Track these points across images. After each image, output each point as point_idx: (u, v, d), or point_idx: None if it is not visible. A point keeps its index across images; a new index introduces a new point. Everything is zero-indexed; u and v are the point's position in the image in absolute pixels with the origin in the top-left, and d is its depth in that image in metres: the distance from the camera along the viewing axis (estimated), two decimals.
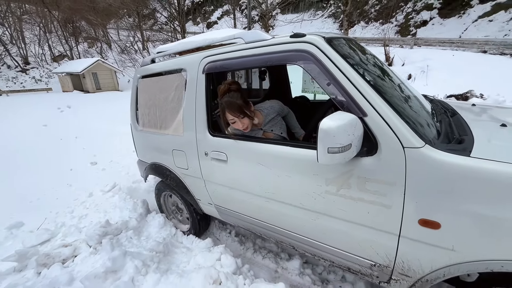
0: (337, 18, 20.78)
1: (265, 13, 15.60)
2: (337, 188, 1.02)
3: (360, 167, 0.94)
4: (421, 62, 8.49)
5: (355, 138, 0.85)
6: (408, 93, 1.25)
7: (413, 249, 0.92)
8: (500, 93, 4.47)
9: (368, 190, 0.94)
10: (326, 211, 1.09)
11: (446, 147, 0.85)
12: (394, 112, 0.88)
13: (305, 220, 1.19)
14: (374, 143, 0.90)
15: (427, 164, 0.82)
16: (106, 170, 3.54)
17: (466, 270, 0.83)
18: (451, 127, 1.09)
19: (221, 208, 1.61)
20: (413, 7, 16.91)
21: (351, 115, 0.85)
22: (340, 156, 0.84)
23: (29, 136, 5.16)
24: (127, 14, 25.84)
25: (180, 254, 1.76)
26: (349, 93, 0.93)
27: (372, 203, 0.95)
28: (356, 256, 1.10)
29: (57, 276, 1.45)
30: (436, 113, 1.27)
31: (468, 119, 1.19)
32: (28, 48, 20.94)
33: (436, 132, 1.00)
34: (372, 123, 0.90)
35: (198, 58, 1.44)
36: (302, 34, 1.05)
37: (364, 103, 0.90)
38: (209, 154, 1.45)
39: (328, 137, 0.81)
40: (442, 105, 1.53)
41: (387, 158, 0.88)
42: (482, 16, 13.51)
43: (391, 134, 0.86)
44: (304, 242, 1.26)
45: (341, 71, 0.95)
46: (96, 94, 14.14)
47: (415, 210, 0.87)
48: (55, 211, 2.50)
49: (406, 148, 0.84)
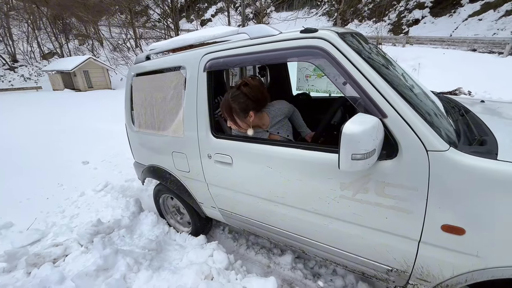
0: (331, 16, 20.87)
1: (259, 11, 15.55)
2: (353, 193, 0.98)
3: (378, 171, 0.90)
4: (413, 60, 8.63)
5: (378, 143, 0.81)
6: (422, 90, 1.19)
7: (434, 255, 0.90)
8: (486, 90, 4.60)
9: (387, 195, 0.91)
10: (340, 216, 1.06)
11: (470, 149, 0.82)
12: (416, 113, 0.84)
13: (317, 225, 1.16)
14: (394, 146, 0.86)
15: (452, 168, 0.79)
16: (98, 169, 3.50)
17: (491, 276, 0.82)
18: (469, 127, 1.04)
19: (225, 212, 1.56)
20: (405, 6, 17.12)
21: (374, 118, 0.80)
22: (364, 163, 0.79)
23: (18, 135, 5.05)
24: (119, 11, 25.35)
25: (173, 251, 1.76)
26: (368, 93, 0.88)
27: (392, 208, 0.91)
28: (371, 261, 1.08)
29: (47, 275, 1.44)
30: (449, 111, 1.22)
31: (482, 117, 1.14)
32: (16, 45, 20.37)
33: (455, 132, 0.95)
34: (393, 125, 0.85)
35: (199, 55, 1.35)
36: (314, 29, 0.99)
37: (384, 103, 0.86)
38: (213, 157, 1.38)
39: (353, 143, 0.76)
40: (452, 102, 1.47)
41: (408, 162, 0.85)
42: (472, 15, 13.79)
43: (413, 137, 0.83)
44: (315, 247, 1.23)
45: (358, 69, 0.90)
46: (88, 93, 13.88)
47: (438, 215, 0.84)
48: (45, 211, 2.46)
49: (430, 152, 0.81)
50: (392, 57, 1.36)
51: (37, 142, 4.65)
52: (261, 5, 15.77)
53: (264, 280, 1.30)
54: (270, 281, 1.28)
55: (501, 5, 12.76)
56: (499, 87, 5.23)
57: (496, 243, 0.78)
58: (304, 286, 1.53)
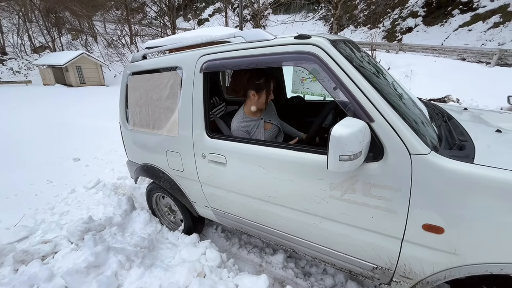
0: (327, 21, 21.19)
1: (257, 13, 15.62)
2: (342, 193, 1.02)
3: (365, 172, 0.94)
4: (406, 67, 8.86)
5: (365, 145, 0.86)
6: (409, 97, 1.25)
7: (416, 253, 0.95)
8: (473, 98, 4.78)
9: (373, 195, 0.96)
10: (329, 216, 1.10)
11: (449, 153, 0.87)
12: (400, 118, 0.89)
13: (307, 224, 1.19)
14: (380, 149, 0.91)
15: (433, 171, 0.84)
16: (89, 166, 3.44)
17: (467, 273, 0.87)
18: (451, 133, 1.11)
19: (218, 211, 1.58)
20: (399, 14, 17.55)
21: (361, 122, 0.85)
22: (350, 164, 0.84)
23: (6, 130, 4.91)
24: (114, 7, 24.97)
25: (166, 249, 1.76)
26: (356, 98, 0.93)
27: (377, 208, 0.96)
28: (358, 259, 1.12)
29: (36, 272, 1.41)
30: (434, 117, 1.28)
31: (464, 124, 1.21)
32: (5, 37, 19.76)
33: (437, 137, 1.01)
34: (379, 129, 0.90)
35: (195, 56, 1.38)
36: (307, 35, 1.03)
37: (371, 108, 0.91)
38: (207, 156, 1.41)
39: (340, 144, 0.81)
40: (437, 108, 1.53)
41: (393, 164, 0.90)
42: (462, 26, 14.26)
43: (398, 141, 0.88)
44: (305, 246, 1.27)
45: (348, 75, 0.95)
46: (80, 89, 13.60)
47: (419, 215, 0.89)
48: (34, 207, 2.41)
49: (413, 155, 0.86)
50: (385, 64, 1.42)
51: (26, 138, 4.53)
52: (259, 7, 15.86)
53: (256, 278, 1.32)
54: (262, 278, 1.30)
55: (489, 17, 13.26)
56: (486, 95, 5.45)
57: (472, 242, 0.84)
58: (295, 285, 1.56)
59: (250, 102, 1.49)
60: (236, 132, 1.48)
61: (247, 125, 1.48)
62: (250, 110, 1.50)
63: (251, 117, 1.52)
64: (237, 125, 1.46)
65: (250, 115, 1.52)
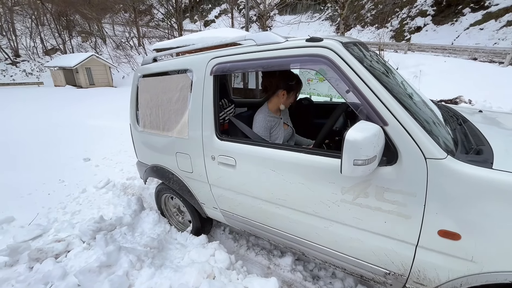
0: (334, 21, 21.03)
1: (263, 14, 15.65)
2: (354, 197, 1.01)
3: (378, 176, 0.93)
4: (414, 67, 8.71)
5: (379, 149, 0.85)
6: (422, 99, 1.23)
7: (431, 259, 0.93)
8: (487, 99, 4.64)
9: (387, 200, 0.94)
10: (340, 219, 1.09)
11: (466, 158, 0.85)
12: (415, 121, 0.87)
13: (317, 228, 1.18)
14: (394, 153, 0.89)
15: (449, 176, 0.82)
16: (99, 166, 3.51)
17: (485, 281, 0.84)
18: (467, 136, 1.08)
19: (227, 212, 1.58)
20: (408, 13, 17.27)
21: (375, 126, 0.84)
22: (365, 168, 0.83)
23: (20, 130, 5.06)
24: (123, 9, 25.46)
25: (174, 250, 1.78)
26: (370, 102, 0.92)
27: (390, 212, 0.95)
28: (370, 264, 1.10)
29: (50, 270, 1.45)
30: (448, 120, 1.26)
31: (480, 127, 1.18)
32: (19, 40, 20.40)
33: (453, 141, 0.98)
34: (393, 132, 0.89)
35: (206, 59, 1.39)
36: (319, 38, 1.02)
37: (385, 112, 0.90)
38: (216, 158, 1.41)
39: (355, 149, 0.80)
40: (451, 111, 1.51)
41: (407, 169, 0.88)
42: (474, 24, 13.92)
43: (412, 145, 0.86)
44: (315, 249, 1.25)
45: (361, 78, 0.94)
46: (90, 90, 13.92)
47: (435, 221, 0.87)
48: (47, 206, 2.47)
49: (428, 159, 0.84)
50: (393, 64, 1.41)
51: (39, 138, 4.66)
52: (265, 8, 15.88)
53: (266, 280, 1.32)
54: (271, 281, 1.29)
55: (502, 16, 12.90)
56: (499, 96, 5.28)
57: (490, 249, 0.81)
58: None
59: (277, 100, 1.56)
60: (260, 125, 1.52)
61: (271, 120, 1.54)
62: (274, 108, 1.59)
63: (273, 114, 1.59)
64: (264, 119, 1.52)
65: (273, 112, 1.60)
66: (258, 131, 1.52)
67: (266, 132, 1.53)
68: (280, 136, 1.58)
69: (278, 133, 1.57)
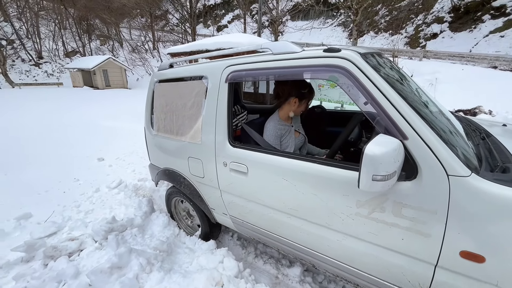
0: (347, 27, 20.90)
1: (275, 19, 15.79)
2: (369, 211, 0.98)
3: (397, 191, 0.90)
4: (430, 74, 8.48)
5: (399, 165, 0.82)
6: (442, 112, 1.19)
7: (451, 281, 0.88)
8: (509, 110, 4.43)
9: (405, 216, 0.90)
10: (354, 233, 1.05)
11: (492, 176, 0.81)
12: (437, 136, 0.84)
13: (330, 240, 1.15)
14: (413, 168, 0.86)
15: (474, 195, 0.78)
16: (112, 167, 3.61)
17: None
18: (491, 153, 1.04)
19: (237, 219, 1.57)
20: (423, 20, 16.91)
21: (396, 140, 0.82)
22: (384, 184, 0.80)
23: (39, 128, 5.30)
24: (140, 14, 26.44)
25: (183, 254, 1.78)
26: (389, 115, 0.89)
27: (409, 229, 0.91)
28: (384, 282, 1.05)
29: (63, 269, 1.49)
30: (470, 134, 1.21)
31: (504, 142, 1.13)
32: (42, 43, 21.54)
33: (476, 157, 0.94)
34: (413, 147, 0.86)
35: (221, 66, 1.40)
36: (337, 48, 1.01)
37: (405, 125, 0.87)
38: (228, 165, 1.41)
39: (374, 164, 0.77)
40: (473, 124, 1.46)
41: (428, 185, 0.85)
42: (494, 32, 13.43)
43: (434, 160, 0.83)
44: (327, 262, 1.22)
45: (380, 90, 0.92)
46: (106, 91, 14.45)
47: (457, 241, 0.83)
48: (62, 204, 2.56)
49: (451, 176, 0.81)
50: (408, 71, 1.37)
51: (56, 136, 4.86)
52: (277, 14, 16.02)
53: None
54: None
55: None
56: None
57: None
58: None
59: (288, 108, 1.56)
60: (270, 133, 1.51)
61: (282, 128, 1.54)
62: (285, 115, 1.58)
63: (284, 122, 1.59)
64: (274, 127, 1.52)
65: (284, 120, 1.59)
66: (268, 139, 1.52)
67: (277, 140, 1.52)
68: (290, 144, 1.57)
69: (288, 141, 1.56)
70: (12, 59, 19.59)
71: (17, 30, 20.06)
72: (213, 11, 30.94)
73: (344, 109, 4.88)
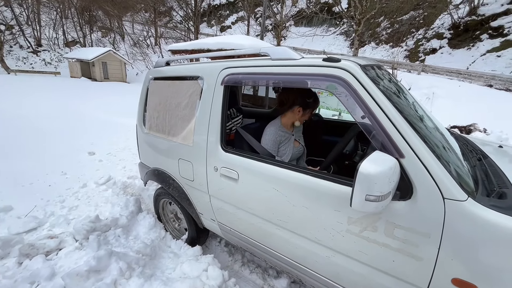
0: (349, 36, 21.13)
1: (279, 24, 15.87)
2: (361, 230, 0.94)
3: (390, 211, 0.87)
4: (427, 89, 8.59)
5: (394, 185, 0.79)
6: (440, 131, 1.16)
7: None
8: (503, 130, 4.49)
9: (397, 237, 0.87)
10: (344, 251, 1.02)
11: (488, 202, 0.78)
12: (435, 156, 0.81)
13: (318, 256, 1.11)
14: (408, 187, 0.83)
15: (469, 221, 0.75)
16: (103, 161, 3.52)
17: None
18: (488, 176, 1.01)
19: (224, 226, 1.53)
20: (424, 34, 17.21)
21: (392, 159, 0.79)
22: (377, 205, 0.77)
23: (31, 118, 5.16)
24: (144, 9, 26.31)
25: (167, 259, 1.72)
26: (386, 131, 0.86)
27: (400, 251, 0.88)
28: None
29: (38, 269, 1.41)
30: (466, 155, 1.18)
31: (501, 165, 1.10)
32: (42, 30, 21.23)
33: (473, 180, 0.91)
34: (409, 166, 0.83)
35: (218, 68, 1.37)
36: (337, 58, 0.99)
37: (402, 143, 0.84)
38: (219, 170, 1.37)
39: (368, 183, 0.74)
40: (469, 144, 1.43)
41: (423, 207, 0.82)
42: (491, 51, 13.72)
43: (430, 182, 0.80)
44: (313, 278, 1.18)
45: (379, 105, 0.88)
46: (103, 83, 14.24)
47: (449, 267, 0.80)
48: (46, 198, 2.46)
49: (447, 200, 0.78)
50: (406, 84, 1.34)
51: (47, 127, 4.73)
52: (281, 18, 16.11)
53: None
54: None
55: None
56: None
57: None
58: None
59: (292, 116, 1.53)
60: (269, 137, 1.48)
61: (282, 134, 1.51)
62: (288, 123, 1.56)
63: (285, 129, 1.57)
64: (274, 132, 1.49)
65: (286, 127, 1.57)
66: (266, 144, 1.48)
67: (275, 146, 1.49)
68: (288, 152, 1.53)
69: (286, 149, 1.53)
70: (10, 45, 19.24)
71: (17, 16, 19.74)
72: (218, 11, 31.00)
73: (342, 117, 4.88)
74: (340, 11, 12.86)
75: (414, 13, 18.46)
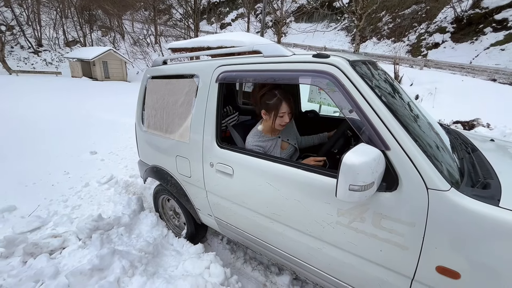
0: (350, 32, 20.92)
1: (279, 20, 15.75)
2: (349, 221, 0.97)
3: (377, 202, 0.89)
4: (430, 84, 8.49)
5: (378, 175, 0.81)
6: (430, 124, 1.19)
7: None
8: (507, 124, 4.43)
9: (384, 228, 0.90)
10: (334, 242, 1.05)
11: (472, 192, 0.80)
12: (419, 149, 0.83)
13: (310, 248, 1.14)
14: (394, 179, 0.86)
15: (451, 210, 0.78)
16: (104, 161, 3.53)
17: None
18: (474, 167, 1.03)
19: (221, 221, 1.56)
20: (426, 29, 16.99)
21: (376, 150, 0.81)
22: (361, 194, 0.79)
23: (34, 118, 5.19)
24: (143, 7, 26.20)
25: (170, 257, 1.73)
26: (373, 124, 0.89)
27: (387, 241, 0.90)
28: None
29: (42, 267, 1.43)
30: (456, 148, 1.20)
31: (489, 158, 1.13)
32: (43, 30, 21.25)
33: (459, 172, 0.94)
34: (395, 158, 0.85)
35: (212, 66, 1.40)
36: (326, 54, 1.01)
37: (388, 136, 0.86)
38: (215, 166, 1.40)
39: (351, 173, 0.76)
40: (460, 138, 1.46)
41: (407, 197, 0.84)
42: (495, 44, 13.53)
43: (414, 173, 0.82)
44: (307, 270, 1.21)
45: (365, 98, 0.91)
46: (104, 83, 14.27)
47: (433, 255, 0.82)
48: (49, 198, 2.48)
49: (430, 190, 0.80)
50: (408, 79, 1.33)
51: (50, 127, 4.76)
52: (282, 15, 15.98)
53: None
54: None
55: None
56: None
57: None
58: None
59: (267, 120, 1.39)
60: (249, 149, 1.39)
61: (262, 145, 1.38)
62: (267, 128, 1.43)
63: (268, 135, 1.43)
64: (252, 144, 1.38)
65: (267, 133, 1.44)
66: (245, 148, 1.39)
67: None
68: None
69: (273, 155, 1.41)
70: (11, 46, 19.30)
71: (18, 16, 19.76)
72: (217, 8, 30.80)
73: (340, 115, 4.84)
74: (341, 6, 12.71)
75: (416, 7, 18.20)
